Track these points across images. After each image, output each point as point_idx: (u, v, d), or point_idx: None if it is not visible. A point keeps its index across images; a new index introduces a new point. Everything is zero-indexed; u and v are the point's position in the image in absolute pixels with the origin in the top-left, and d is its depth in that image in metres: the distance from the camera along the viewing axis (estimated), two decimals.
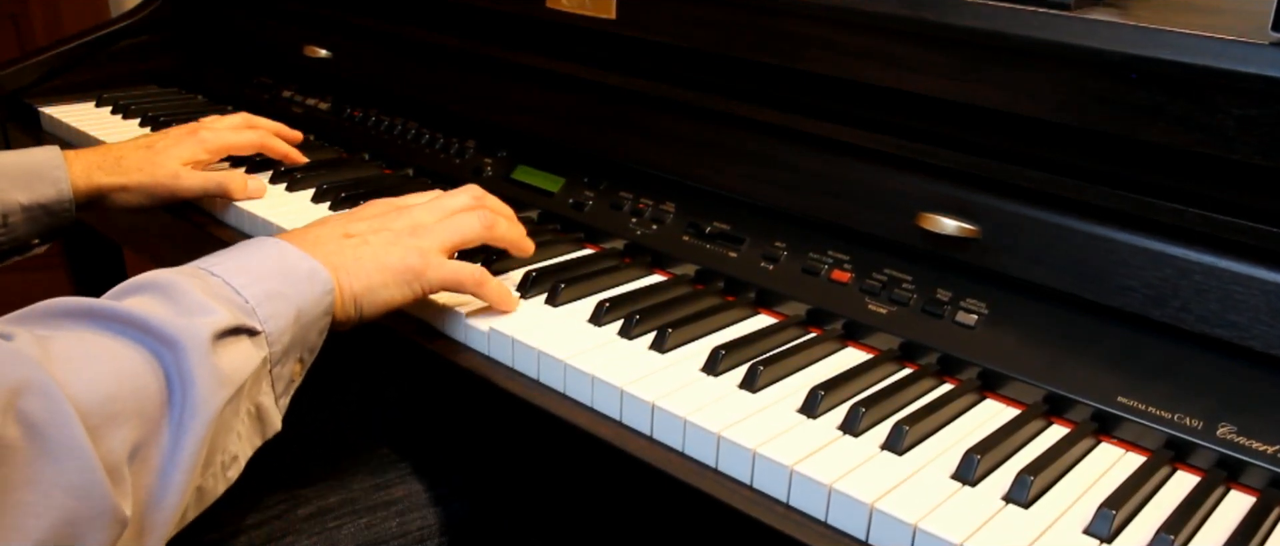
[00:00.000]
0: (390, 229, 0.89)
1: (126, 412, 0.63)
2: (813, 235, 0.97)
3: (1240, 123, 0.75)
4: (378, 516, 0.93)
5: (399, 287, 0.87)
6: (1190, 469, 0.76)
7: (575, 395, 0.85)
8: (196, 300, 0.70)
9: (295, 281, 0.78)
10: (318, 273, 0.80)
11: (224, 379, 0.69)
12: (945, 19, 0.87)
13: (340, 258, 0.84)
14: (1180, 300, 0.78)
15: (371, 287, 0.85)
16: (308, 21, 1.54)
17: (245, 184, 1.19)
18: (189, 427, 0.66)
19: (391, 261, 0.86)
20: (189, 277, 0.73)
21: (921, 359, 0.88)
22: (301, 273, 0.79)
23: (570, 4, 1.14)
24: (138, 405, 0.64)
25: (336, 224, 0.89)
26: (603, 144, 1.14)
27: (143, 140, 1.20)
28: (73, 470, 0.58)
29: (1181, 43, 0.76)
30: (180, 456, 0.66)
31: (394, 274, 0.86)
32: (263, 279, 0.76)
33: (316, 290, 0.79)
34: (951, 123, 0.90)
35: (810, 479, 0.71)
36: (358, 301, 0.84)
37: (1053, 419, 0.82)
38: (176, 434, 0.66)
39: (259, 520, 0.89)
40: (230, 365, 0.70)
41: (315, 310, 0.79)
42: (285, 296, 0.76)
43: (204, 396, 0.67)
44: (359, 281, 0.84)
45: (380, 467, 0.98)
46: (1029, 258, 0.85)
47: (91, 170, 1.13)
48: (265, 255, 0.79)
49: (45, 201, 1.10)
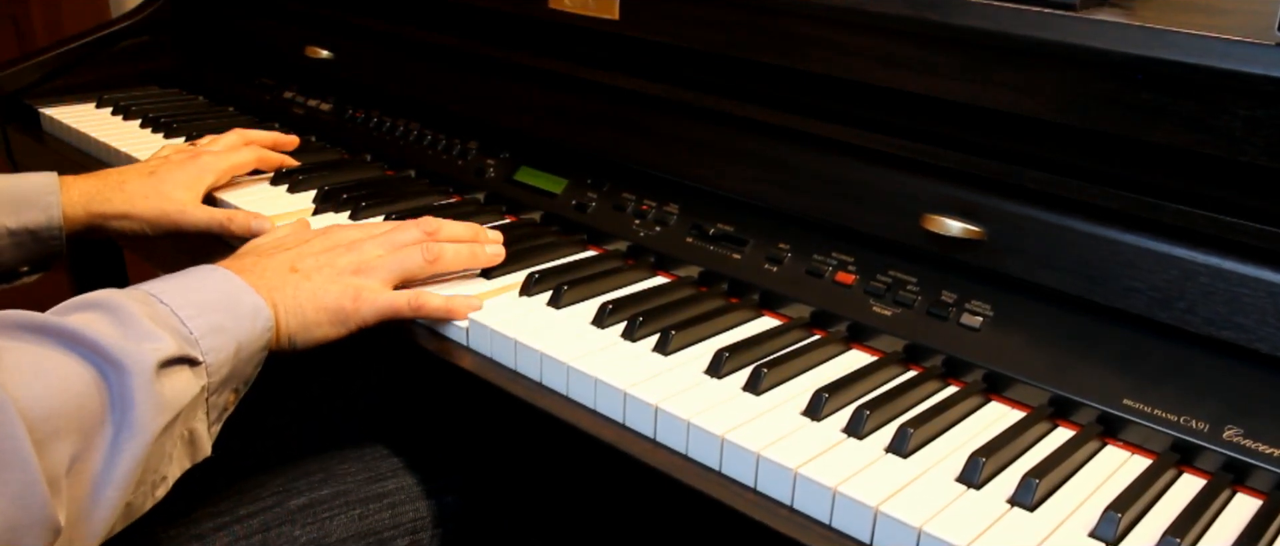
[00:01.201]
0: (335, 265, 0.92)
1: (69, 426, 0.65)
2: (817, 237, 0.97)
3: (1246, 123, 0.75)
4: (370, 508, 0.94)
5: (332, 326, 0.90)
6: (1196, 472, 0.76)
7: (578, 397, 0.84)
8: (144, 327, 0.73)
9: (238, 317, 0.81)
10: (260, 310, 0.83)
11: (163, 405, 0.71)
12: (950, 19, 0.86)
13: (283, 294, 0.87)
14: (1186, 302, 0.78)
15: (306, 326, 0.88)
16: (309, 22, 1.54)
17: (247, 223, 1.15)
18: (125, 448, 0.68)
19: (327, 301, 0.89)
20: (138, 303, 0.75)
21: (926, 361, 0.88)
22: (245, 308, 0.82)
23: (573, 4, 1.13)
24: (79, 420, 0.66)
25: (288, 256, 0.92)
26: (606, 145, 1.14)
27: (144, 166, 1.18)
28: (16, 480, 0.61)
29: (1187, 43, 0.76)
30: (114, 474, 0.68)
31: (328, 313, 0.89)
32: (208, 311, 0.78)
33: (258, 326, 0.82)
34: (956, 123, 0.90)
35: (814, 482, 0.71)
36: (293, 339, 0.88)
37: (1058, 421, 0.81)
38: (112, 453, 0.68)
39: (252, 511, 0.90)
40: (171, 392, 0.72)
41: (254, 345, 0.82)
42: (228, 330, 0.79)
43: (143, 420, 0.69)
44: (295, 319, 0.87)
45: (373, 460, 0.99)
46: (1034, 259, 0.84)
47: (89, 199, 1.11)
48: (213, 286, 0.82)
49: (33, 227, 1.08)
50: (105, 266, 1.84)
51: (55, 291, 2.06)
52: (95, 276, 1.83)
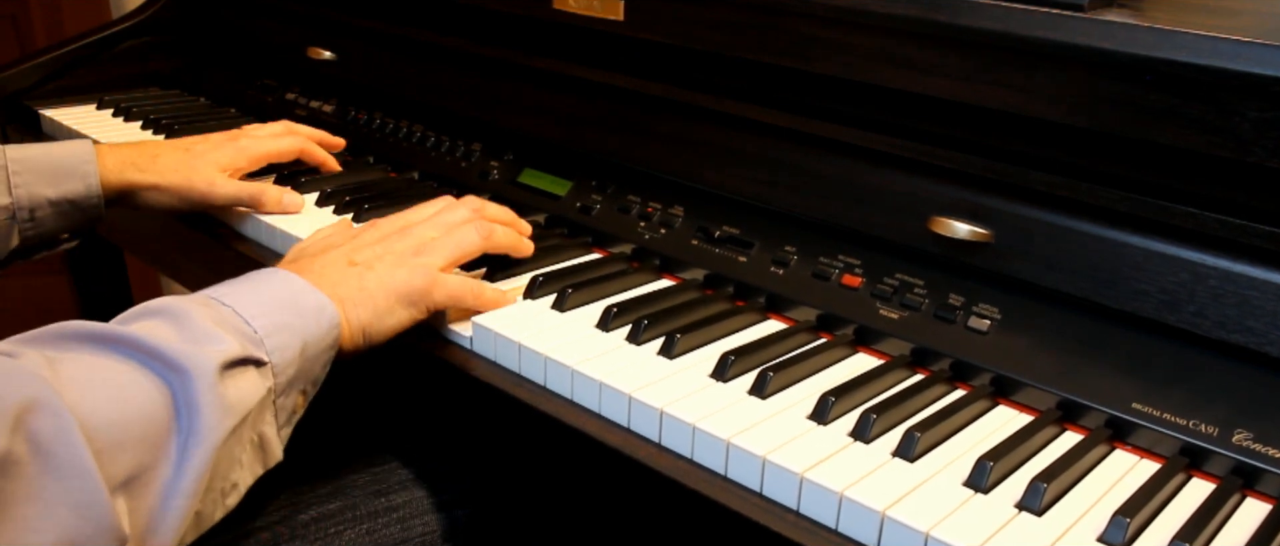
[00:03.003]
0: (394, 251, 0.90)
1: (132, 437, 0.64)
2: (823, 239, 0.97)
3: (1256, 125, 0.74)
4: (379, 523, 0.93)
5: (406, 310, 0.88)
6: (1205, 476, 0.76)
7: (582, 401, 0.84)
8: (205, 329, 0.71)
9: (303, 314, 0.79)
10: (325, 307, 0.81)
11: (229, 408, 0.70)
12: (958, 20, 0.86)
13: (346, 288, 0.85)
14: (1196, 305, 0.77)
15: (378, 314, 0.86)
16: (312, 23, 1.53)
17: (280, 198, 1.15)
18: (193, 454, 0.67)
19: (397, 285, 0.87)
20: (199, 306, 0.74)
21: (933, 364, 0.87)
22: (309, 306, 0.80)
23: (577, 5, 1.13)
24: (143, 430, 0.65)
25: (342, 251, 0.90)
26: (610, 147, 1.13)
27: (181, 142, 1.18)
28: (77, 489, 0.59)
29: (1197, 44, 0.75)
30: (182, 482, 0.66)
31: (401, 298, 0.87)
32: (271, 311, 0.77)
33: (324, 324, 0.80)
34: (964, 125, 0.90)
35: (821, 486, 0.71)
36: (366, 331, 0.86)
37: (1066, 425, 0.81)
38: (180, 460, 0.67)
39: (260, 525, 0.89)
40: (236, 394, 0.71)
41: (321, 344, 0.80)
42: (293, 328, 0.77)
43: (210, 424, 0.68)
44: (366, 310, 0.85)
45: (382, 474, 0.98)
46: (1042, 262, 0.84)
47: (124, 166, 1.11)
48: (274, 287, 0.80)
49: (74, 197, 1.08)
50: (105, 267, 1.84)
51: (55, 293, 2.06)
52: (95, 277, 1.82)
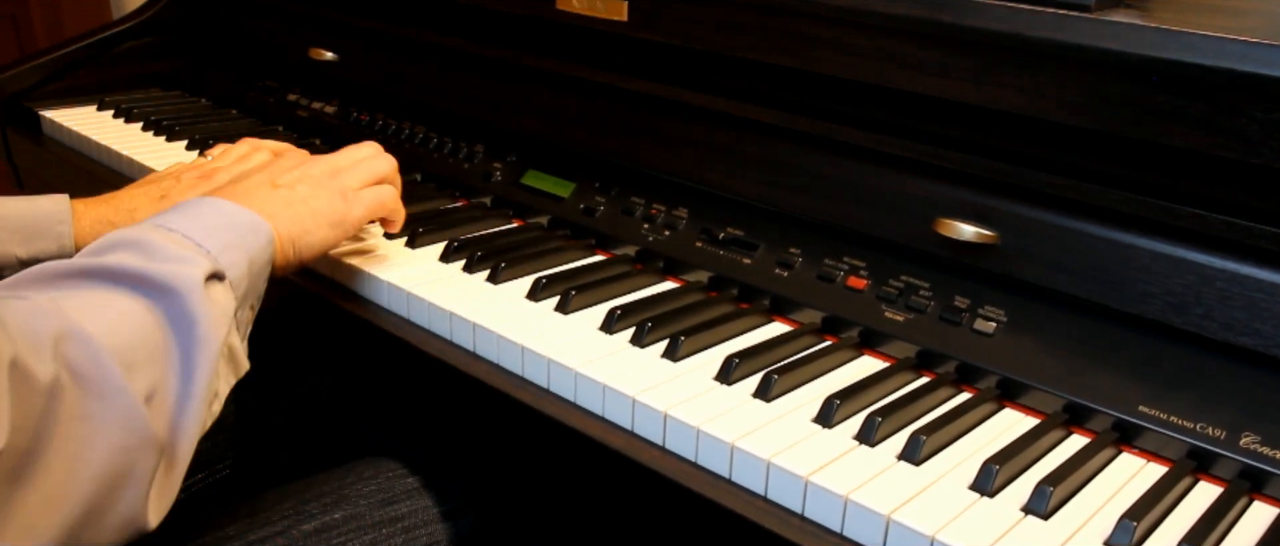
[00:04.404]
0: (312, 175, 0.95)
1: (141, 358, 0.67)
2: (828, 241, 0.96)
3: (1264, 126, 0.74)
4: (383, 533, 0.93)
5: (331, 229, 0.92)
6: (1213, 479, 0.75)
7: (586, 404, 0.84)
8: (173, 252, 0.74)
9: (242, 232, 0.82)
10: (259, 224, 0.84)
11: (219, 317, 0.74)
12: (963, 21, 0.85)
13: (273, 206, 0.88)
14: (1203, 307, 0.77)
15: (305, 230, 0.90)
16: (313, 23, 1.53)
17: None
18: (199, 361, 0.70)
19: (320, 205, 0.92)
20: (153, 232, 0.77)
21: (939, 367, 0.87)
22: (245, 224, 0.83)
23: (581, 6, 1.13)
24: (148, 350, 0.68)
25: (263, 176, 0.94)
26: (614, 148, 1.13)
27: (155, 188, 1.11)
28: (117, 406, 0.63)
29: (1204, 45, 0.75)
30: (194, 388, 0.70)
31: (324, 216, 0.92)
32: (215, 232, 0.80)
33: (261, 240, 0.84)
34: (969, 126, 0.89)
35: (826, 489, 0.71)
36: (296, 246, 0.89)
37: (1073, 428, 0.81)
38: (185, 370, 0.70)
39: (263, 536, 0.88)
40: (219, 306, 0.75)
41: (262, 258, 0.84)
42: (238, 246, 0.81)
43: (208, 332, 0.71)
44: (294, 226, 0.89)
45: (387, 480, 0.97)
46: (1048, 264, 0.84)
47: (98, 224, 1.06)
48: (209, 211, 0.83)
49: (44, 257, 1.04)
50: None
51: None
52: None
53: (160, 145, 1.42)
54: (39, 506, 0.58)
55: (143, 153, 1.36)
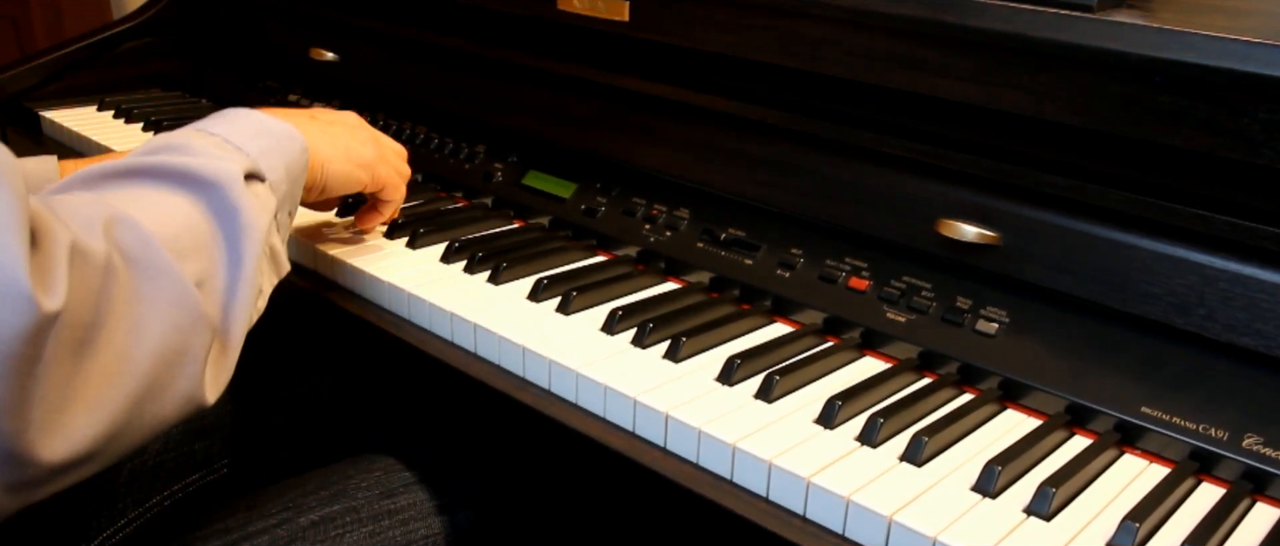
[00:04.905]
0: (348, 124, 1.00)
1: (188, 246, 0.69)
2: (830, 242, 0.96)
3: (1267, 127, 0.74)
4: (381, 525, 0.93)
5: (357, 169, 0.97)
6: (1215, 481, 0.75)
7: (587, 405, 0.84)
8: (212, 151, 0.77)
9: (279, 139, 0.85)
10: (295, 135, 0.87)
11: (261, 208, 0.76)
12: (966, 21, 0.85)
13: (309, 130, 0.91)
14: (1205, 308, 0.77)
15: (335, 157, 0.95)
16: (314, 24, 1.53)
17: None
18: (245, 249, 0.73)
19: (352, 145, 0.97)
20: (195, 135, 0.79)
21: (941, 368, 0.87)
22: (282, 133, 0.86)
23: (582, 6, 1.13)
24: (194, 239, 0.70)
25: (302, 112, 0.98)
26: (615, 149, 1.13)
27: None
28: (168, 286, 0.65)
29: (1206, 45, 0.75)
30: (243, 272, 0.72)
31: (354, 156, 0.97)
32: (254, 137, 0.82)
33: (296, 148, 0.87)
34: (972, 127, 0.89)
35: (827, 491, 0.70)
36: (325, 168, 0.94)
37: (1075, 429, 0.81)
38: (232, 259, 0.72)
39: (261, 528, 0.89)
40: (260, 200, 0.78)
41: (297, 166, 0.87)
42: (275, 151, 0.83)
43: (251, 220, 0.74)
44: (326, 149, 0.94)
45: (385, 474, 0.98)
46: (1050, 265, 0.84)
47: None
48: (248, 119, 0.85)
49: None
50: None
51: None
52: None
53: None
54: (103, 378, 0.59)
55: None
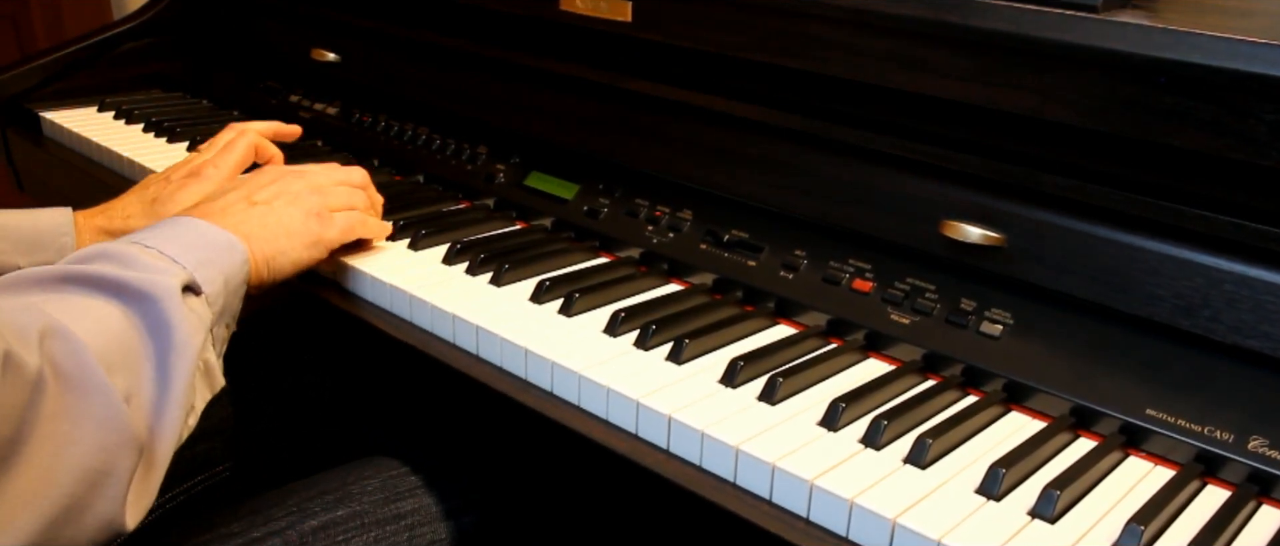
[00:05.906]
0: (289, 191, 0.96)
1: (117, 361, 0.68)
2: (833, 243, 0.96)
3: (1272, 128, 0.73)
4: (387, 530, 0.93)
5: (306, 249, 0.95)
6: (1221, 483, 0.75)
7: (590, 407, 0.83)
8: (150, 263, 0.77)
9: (218, 251, 0.85)
10: (235, 244, 0.86)
11: (196, 325, 0.76)
12: (969, 21, 0.85)
13: (248, 225, 0.90)
14: (1211, 310, 0.77)
15: (281, 250, 0.92)
16: (316, 24, 1.53)
17: None
18: (175, 365, 0.72)
19: (295, 225, 0.94)
20: (131, 247, 0.78)
21: (945, 370, 0.86)
22: (221, 244, 0.85)
23: (584, 6, 1.12)
24: (124, 355, 0.70)
25: (240, 193, 0.95)
26: (618, 150, 1.13)
27: (145, 193, 1.10)
28: (100, 404, 0.64)
29: (1211, 46, 0.74)
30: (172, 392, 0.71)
31: (299, 236, 0.94)
32: (191, 249, 0.82)
33: (236, 259, 0.86)
34: (976, 128, 0.89)
35: (831, 493, 0.70)
36: (270, 265, 0.91)
37: (1080, 432, 0.80)
38: (161, 374, 0.71)
39: (266, 533, 0.88)
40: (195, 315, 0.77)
41: (237, 277, 0.86)
42: (213, 263, 0.83)
43: (185, 337, 0.73)
44: (269, 246, 0.91)
45: (391, 478, 0.97)
46: (1055, 266, 0.83)
47: (99, 237, 1.05)
48: (185, 230, 0.85)
49: None
50: None
51: None
52: None
53: (161, 147, 1.41)
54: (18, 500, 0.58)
55: (143, 154, 1.36)
